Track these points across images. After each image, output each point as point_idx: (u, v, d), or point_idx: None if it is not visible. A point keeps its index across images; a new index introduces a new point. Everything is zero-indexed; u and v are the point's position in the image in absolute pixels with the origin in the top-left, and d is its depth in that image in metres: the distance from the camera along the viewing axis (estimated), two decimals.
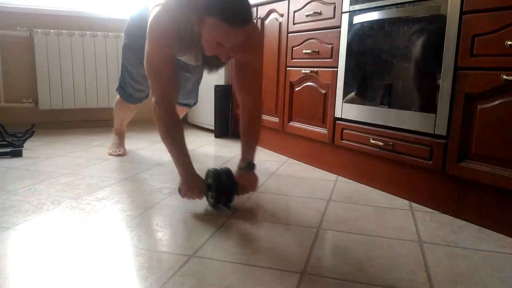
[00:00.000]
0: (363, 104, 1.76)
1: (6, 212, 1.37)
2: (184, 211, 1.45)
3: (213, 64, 1.45)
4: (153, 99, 1.43)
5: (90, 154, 2.30)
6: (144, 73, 1.53)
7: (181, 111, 2.25)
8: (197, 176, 1.44)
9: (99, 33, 3.08)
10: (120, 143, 2.33)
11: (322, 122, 2.02)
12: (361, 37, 1.75)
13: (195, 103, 2.28)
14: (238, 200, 1.53)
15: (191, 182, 1.43)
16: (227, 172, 1.45)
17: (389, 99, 1.63)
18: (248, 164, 1.53)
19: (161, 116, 1.42)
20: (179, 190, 1.45)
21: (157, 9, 1.36)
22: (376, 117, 1.69)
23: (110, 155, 2.27)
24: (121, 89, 2.08)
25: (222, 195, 1.44)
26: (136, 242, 1.18)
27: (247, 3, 1.26)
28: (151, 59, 1.41)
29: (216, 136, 2.93)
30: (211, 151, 2.47)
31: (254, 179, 1.54)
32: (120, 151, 2.28)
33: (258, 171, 1.57)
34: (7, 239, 1.17)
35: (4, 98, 2.98)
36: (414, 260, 1.11)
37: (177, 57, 1.48)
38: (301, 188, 1.76)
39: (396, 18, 1.57)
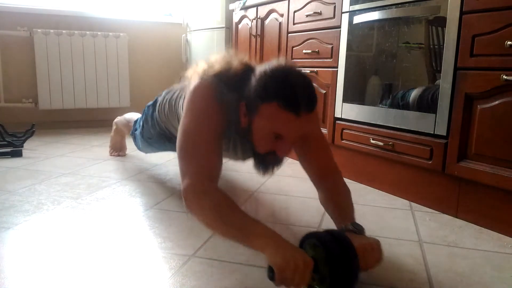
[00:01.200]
0: (363, 104, 1.76)
1: (6, 212, 1.37)
2: (184, 211, 1.45)
3: (269, 162, 1.08)
4: (183, 184, 1.01)
5: (90, 154, 2.30)
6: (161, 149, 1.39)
7: None
8: (295, 246, 0.90)
9: (99, 33, 3.08)
10: (121, 144, 2.33)
11: (322, 122, 2.02)
12: (361, 37, 1.75)
13: None
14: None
15: (291, 256, 0.83)
16: (341, 236, 0.91)
17: (389, 99, 1.63)
18: (355, 225, 1.03)
19: (200, 197, 0.98)
20: (271, 274, 0.83)
21: (196, 82, 1.11)
22: (376, 117, 1.69)
23: (111, 155, 2.27)
24: (134, 138, 1.90)
25: (340, 275, 0.86)
26: (136, 242, 1.17)
27: (311, 82, 1.01)
28: (188, 132, 1.06)
29: None
30: None
31: (377, 246, 0.97)
32: (121, 152, 2.28)
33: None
34: (7, 239, 1.17)
35: (4, 98, 2.98)
36: (414, 260, 1.11)
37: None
38: (301, 188, 1.76)
39: (396, 18, 1.57)
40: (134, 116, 2.07)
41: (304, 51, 2.09)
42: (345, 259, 0.85)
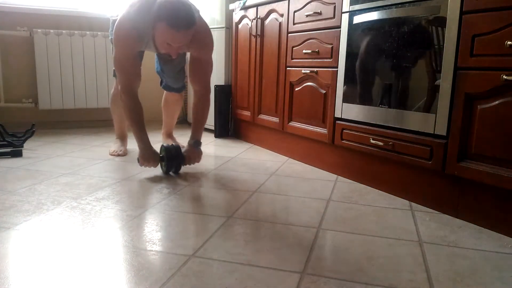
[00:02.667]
0: (363, 104, 1.76)
1: (6, 212, 1.37)
2: (184, 211, 1.45)
3: (166, 58, 2.04)
4: (119, 87, 1.85)
5: (90, 154, 2.30)
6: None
7: (175, 100, 2.40)
8: (152, 149, 1.88)
9: (99, 33, 3.08)
10: (122, 143, 2.34)
11: (322, 122, 2.02)
12: (361, 37, 1.75)
13: (183, 87, 2.39)
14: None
15: (148, 154, 1.86)
16: (176, 147, 1.91)
17: (389, 99, 1.63)
18: (195, 142, 1.97)
19: (125, 100, 1.83)
20: (138, 160, 1.88)
21: (122, 11, 1.75)
22: (376, 117, 1.69)
23: (111, 155, 2.27)
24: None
25: (172, 164, 1.89)
26: (136, 242, 1.18)
27: (190, 10, 1.66)
28: (116, 56, 1.82)
29: (216, 136, 2.93)
30: (211, 151, 2.47)
31: (199, 153, 1.98)
32: (121, 151, 2.28)
33: (258, 170, 1.57)
34: (7, 239, 1.17)
35: (4, 98, 2.98)
36: (414, 260, 1.11)
37: (143, 50, 1.91)
38: (301, 188, 1.76)
39: (396, 18, 1.57)
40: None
41: (304, 51, 2.09)
42: (176, 156, 1.90)
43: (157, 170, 1.98)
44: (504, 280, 1.02)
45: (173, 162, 1.89)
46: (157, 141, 2.55)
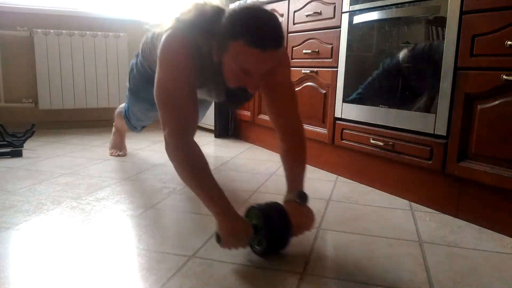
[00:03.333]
0: (363, 104, 1.76)
1: (6, 212, 1.37)
2: (184, 211, 1.45)
3: (239, 97, 1.21)
4: (164, 132, 1.13)
5: (90, 154, 2.30)
6: (151, 112, 1.48)
7: None
8: (240, 217, 1.08)
9: (99, 33, 3.08)
10: (121, 143, 2.33)
11: (322, 122, 2.02)
12: (361, 37, 1.75)
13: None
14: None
15: (234, 226, 1.05)
16: (277, 208, 1.11)
17: (389, 99, 1.63)
18: (299, 195, 1.19)
19: (179, 149, 1.12)
20: (218, 239, 1.06)
21: (167, 33, 1.16)
22: (376, 117, 1.69)
23: (111, 155, 2.27)
24: (127, 119, 2.01)
25: (274, 240, 1.08)
26: (136, 242, 1.17)
27: (277, 21, 1.08)
28: (163, 84, 1.15)
29: (216, 136, 2.93)
30: (211, 151, 2.47)
31: (311, 215, 1.18)
32: (121, 152, 2.28)
33: (258, 170, 1.57)
34: (7, 239, 1.17)
35: (4, 98, 2.98)
36: (414, 260, 1.11)
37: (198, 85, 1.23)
38: None
39: (396, 18, 1.57)
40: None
41: (304, 51, 2.09)
42: (278, 227, 1.07)
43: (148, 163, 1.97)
44: (504, 280, 1.02)
45: (275, 234, 1.08)
46: (159, 141, 2.55)
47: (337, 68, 1.89)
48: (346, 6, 1.81)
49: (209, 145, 2.65)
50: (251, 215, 1.12)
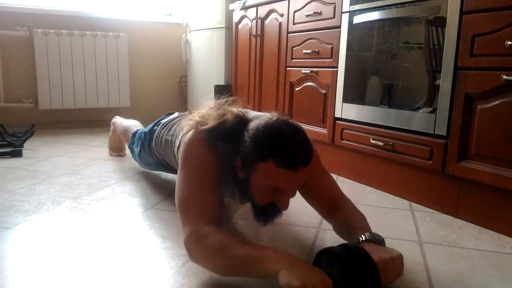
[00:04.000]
0: (363, 104, 1.76)
1: (6, 212, 1.37)
2: None
3: (269, 213, 1.07)
4: (184, 237, 0.98)
5: (90, 154, 2.30)
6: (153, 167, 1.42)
7: None
8: (309, 264, 0.86)
9: (99, 33, 3.08)
10: (119, 144, 2.33)
11: (322, 122, 2.02)
12: (361, 37, 1.75)
13: None
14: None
15: (308, 276, 0.80)
16: (360, 252, 0.86)
17: (389, 99, 1.63)
18: (373, 235, 1.01)
19: (208, 247, 0.93)
20: None
21: (191, 132, 1.10)
22: (376, 117, 1.69)
23: (111, 155, 2.27)
24: (130, 150, 1.90)
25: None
26: (136, 242, 1.17)
27: (304, 135, 1.01)
28: (185, 183, 1.05)
29: None
30: None
31: (399, 257, 0.95)
32: (121, 152, 2.28)
33: None
34: (7, 239, 1.17)
35: (4, 98, 2.98)
36: (414, 260, 1.11)
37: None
38: None
39: (396, 18, 1.57)
40: (132, 126, 2.00)
41: (304, 51, 2.09)
42: (364, 274, 0.82)
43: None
44: (504, 280, 1.02)
45: (363, 283, 0.83)
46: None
47: (337, 68, 1.89)
48: (346, 6, 1.81)
49: None
50: (325, 261, 0.89)
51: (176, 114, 1.59)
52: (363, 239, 0.99)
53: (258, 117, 1.06)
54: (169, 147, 1.40)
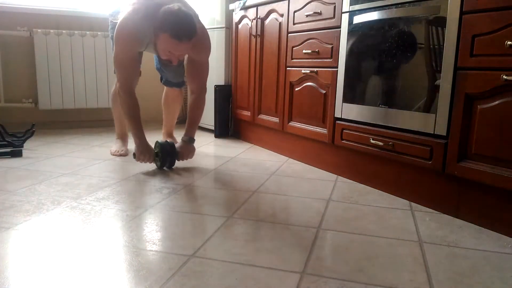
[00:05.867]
0: (363, 104, 1.76)
1: (6, 212, 1.37)
2: (184, 211, 1.45)
3: (166, 64, 2.13)
4: (117, 85, 1.95)
5: (90, 154, 2.30)
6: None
7: (175, 96, 2.43)
8: (148, 145, 1.96)
9: (99, 33, 3.08)
10: (123, 143, 2.34)
11: (322, 122, 2.02)
12: (361, 37, 1.75)
13: (183, 83, 2.39)
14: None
15: (144, 150, 1.93)
16: (170, 144, 2.00)
17: (389, 99, 1.63)
18: (189, 138, 2.07)
19: (123, 97, 1.91)
20: (134, 156, 1.95)
21: (124, 14, 1.82)
22: (376, 117, 1.69)
23: (113, 154, 2.28)
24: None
25: (166, 160, 1.98)
26: (136, 242, 1.18)
27: (192, 21, 1.75)
28: (117, 55, 1.88)
29: (216, 136, 2.93)
30: (211, 151, 2.47)
31: (192, 149, 2.08)
32: (123, 151, 2.28)
33: (258, 170, 1.57)
34: (7, 239, 1.17)
35: (4, 98, 2.98)
36: (414, 260, 1.11)
37: (143, 51, 1.99)
38: (301, 188, 1.76)
39: (396, 18, 1.57)
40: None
41: (304, 51, 2.09)
42: (170, 151, 1.99)
43: (151, 166, 1.98)
44: (504, 280, 1.02)
45: (167, 157, 1.97)
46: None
47: (337, 68, 1.89)
48: (346, 6, 1.81)
49: (209, 145, 2.65)
50: (156, 146, 1.99)
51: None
52: (182, 139, 2.08)
53: (167, 4, 1.77)
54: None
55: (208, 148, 2.56)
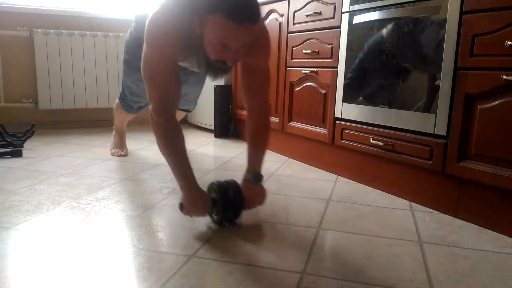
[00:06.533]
0: (363, 104, 1.76)
1: (6, 212, 1.37)
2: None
3: (218, 69, 1.27)
4: (150, 106, 1.27)
5: (90, 154, 2.30)
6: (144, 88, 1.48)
7: (179, 114, 2.27)
8: (201, 190, 1.28)
9: (99, 33, 3.08)
10: (122, 143, 2.33)
11: (322, 122, 2.02)
12: (361, 37, 1.75)
13: (194, 107, 2.31)
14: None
15: (195, 198, 1.27)
16: (233, 185, 1.31)
17: (389, 99, 1.64)
18: (255, 176, 1.38)
19: (160, 124, 1.26)
20: (181, 207, 1.29)
21: (153, 11, 1.25)
22: (376, 117, 1.69)
23: (113, 155, 2.27)
24: (122, 99, 2.09)
25: (229, 211, 1.30)
26: (136, 242, 1.18)
27: (255, 0, 1.13)
28: (148, 61, 1.26)
29: (216, 136, 2.93)
30: (211, 151, 2.47)
31: (263, 192, 1.39)
32: (123, 152, 2.28)
33: None
34: (7, 239, 1.17)
35: (4, 98, 2.98)
36: (414, 260, 1.11)
37: (179, 63, 1.33)
38: (301, 188, 1.76)
39: (396, 18, 1.57)
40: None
41: (304, 51, 2.09)
42: (234, 198, 1.29)
43: (151, 165, 1.98)
44: (504, 280, 1.02)
45: (230, 208, 1.30)
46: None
47: (337, 68, 1.89)
48: (346, 6, 1.81)
49: (209, 145, 2.65)
50: (211, 190, 1.31)
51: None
52: (246, 178, 1.38)
53: None
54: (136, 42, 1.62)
55: (208, 149, 2.56)
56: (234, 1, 1.07)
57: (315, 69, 2.03)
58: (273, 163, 2.20)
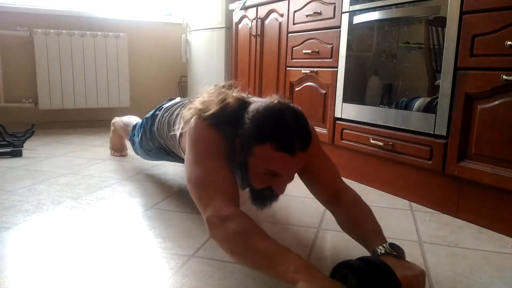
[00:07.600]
0: (363, 104, 1.76)
1: (6, 212, 1.37)
2: (184, 211, 1.45)
3: (266, 198, 1.08)
4: (205, 216, 0.95)
5: (90, 154, 2.30)
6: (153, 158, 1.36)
7: None
8: (330, 279, 0.79)
9: (99, 33, 3.08)
10: (120, 144, 2.33)
11: (322, 122, 2.02)
12: (361, 37, 1.75)
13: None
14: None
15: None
16: (381, 264, 0.80)
17: (389, 99, 1.64)
18: (393, 247, 0.91)
19: (230, 229, 0.88)
20: None
21: (196, 116, 1.10)
22: (376, 117, 1.69)
23: (112, 155, 2.27)
24: (132, 142, 1.88)
25: None
26: (136, 242, 1.17)
27: (304, 119, 1.02)
28: (197, 164, 1.02)
29: None
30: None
31: (421, 274, 0.85)
32: (122, 152, 2.28)
33: None
34: (7, 239, 1.17)
35: (4, 98, 2.98)
36: (414, 260, 1.11)
37: None
38: (301, 188, 1.76)
39: (396, 18, 1.57)
40: (132, 120, 2.04)
41: (304, 51, 2.09)
42: (387, 284, 0.76)
43: (151, 164, 1.97)
44: (504, 280, 1.02)
45: None
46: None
47: (337, 68, 1.89)
48: (346, 6, 1.81)
49: None
50: (338, 277, 0.82)
51: (178, 99, 1.61)
52: (382, 251, 0.89)
53: (259, 101, 1.05)
54: (171, 130, 1.39)
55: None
56: (284, 130, 0.95)
57: (315, 69, 2.03)
58: None
